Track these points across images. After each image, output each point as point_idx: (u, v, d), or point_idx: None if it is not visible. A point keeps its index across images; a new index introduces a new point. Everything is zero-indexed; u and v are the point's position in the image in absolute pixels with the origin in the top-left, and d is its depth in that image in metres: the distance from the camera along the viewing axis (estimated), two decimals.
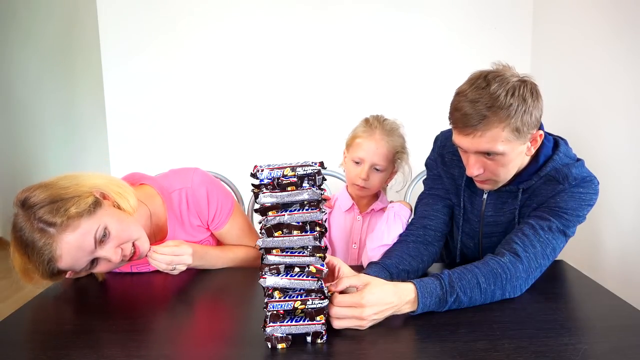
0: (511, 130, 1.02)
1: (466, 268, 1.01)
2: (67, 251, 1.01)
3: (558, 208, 1.09)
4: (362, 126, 1.42)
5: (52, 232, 1.00)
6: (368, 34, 2.29)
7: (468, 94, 1.03)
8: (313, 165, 0.84)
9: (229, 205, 1.31)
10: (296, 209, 0.85)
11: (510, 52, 2.26)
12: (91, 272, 1.13)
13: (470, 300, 0.98)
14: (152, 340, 0.92)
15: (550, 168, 1.12)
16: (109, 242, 1.07)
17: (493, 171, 1.10)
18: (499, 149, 1.04)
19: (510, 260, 1.02)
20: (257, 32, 2.30)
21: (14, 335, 0.95)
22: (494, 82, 1.02)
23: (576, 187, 1.10)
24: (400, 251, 1.18)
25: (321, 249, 0.86)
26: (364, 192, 1.43)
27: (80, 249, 1.03)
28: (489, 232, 1.24)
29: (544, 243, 1.06)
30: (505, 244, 1.07)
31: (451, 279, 0.98)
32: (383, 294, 0.92)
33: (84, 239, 1.03)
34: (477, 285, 0.98)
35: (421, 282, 0.96)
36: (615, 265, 1.73)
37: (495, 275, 1.00)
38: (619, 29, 1.71)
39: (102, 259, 1.08)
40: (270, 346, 0.86)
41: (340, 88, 2.32)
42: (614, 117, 1.74)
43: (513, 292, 1.02)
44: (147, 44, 2.31)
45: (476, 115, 1.01)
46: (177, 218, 1.26)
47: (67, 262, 1.03)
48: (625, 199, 1.68)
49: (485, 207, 1.22)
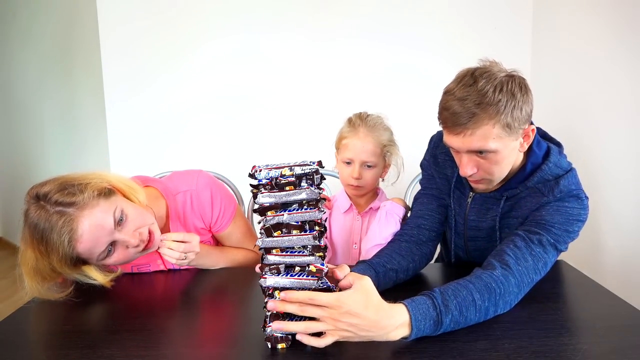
0: (502, 127, 0.99)
1: (459, 284, 0.93)
2: (87, 229, 1.00)
3: (545, 222, 1.05)
4: (346, 126, 1.42)
5: (72, 211, 0.99)
6: (368, 34, 2.29)
7: (456, 92, 1.01)
8: (311, 165, 0.84)
9: (231, 208, 1.32)
10: (295, 208, 0.85)
11: (510, 52, 2.26)
12: (105, 264, 1.09)
13: (467, 320, 0.90)
14: (152, 340, 0.92)
15: (538, 179, 1.09)
16: (127, 225, 1.06)
17: (487, 170, 1.07)
18: (491, 147, 1.01)
19: (502, 273, 0.96)
20: (257, 32, 2.30)
21: (13, 335, 0.95)
22: (481, 79, 0.99)
23: (561, 200, 1.06)
24: (391, 250, 1.17)
25: (321, 248, 0.86)
26: (360, 190, 1.43)
27: (101, 227, 1.02)
28: (473, 236, 1.23)
29: (536, 257, 1.01)
30: (497, 255, 1.01)
31: (444, 297, 0.89)
32: (374, 310, 0.80)
33: (104, 216, 1.02)
34: (473, 303, 0.90)
35: (412, 303, 0.87)
36: (615, 265, 1.73)
37: (489, 290, 0.93)
38: (618, 29, 1.71)
39: (119, 245, 1.07)
40: (270, 346, 0.86)
41: (339, 88, 2.32)
42: (614, 117, 1.74)
43: (504, 307, 0.95)
44: (147, 44, 2.31)
45: (465, 113, 0.99)
46: (180, 220, 1.26)
47: (87, 243, 1.01)
48: (625, 199, 1.68)
49: (469, 211, 1.21)
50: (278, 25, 2.29)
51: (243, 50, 2.31)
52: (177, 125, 2.39)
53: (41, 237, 1.00)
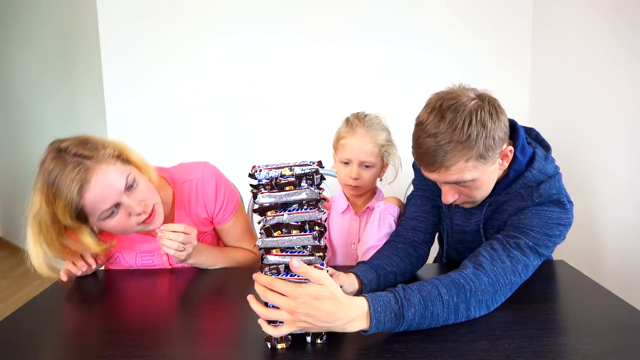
0: (475, 159, 0.98)
1: (425, 281, 0.93)
2: (99, 183, 1.03)
3: (522, 225, 1.04)
4: (344, 126, 1.42)
5: (88, 163, 1.03)
6: (368, 34, 2.29)
7: (426, 128, 0.99)
8: (311, 165, 0.84)
9: (234, 201, 1.34)
10: (295, 208, 0.85)
11: (510, 52, 2.26)
12: (103, 227, 1.11)
13: (433, 315, 0.88)
14: (152, 340, 0.92)
15: (520, 185, 1.09)
16: (135, 193, 1.10)
17: (468, 195, 1.08)
18: (467, 178, 1.01)
19: (473, 272, 0.95)
20: (257, 32, 2.30)
21: (14, 335, 0.94)
22: (449, 113, 0.96)
23: (540, 205, 1.06)
24: (389, 252, 1.17)
25: (320, 248, 0.86)
26: (358, 191, 1.43)
27: (112, 185, 1.05)
28: (460, 239, 1.24)
29: (514, 259, 0.99)
30: (472, 257, 1.01)
31: (407, 292, 0.88)
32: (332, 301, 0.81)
33: (118, 176, 1.06)
34: (439, 297, 0.89)
35: (373, 295, 0.86)
36: (615, 265, 1.73)
37: (457, 286, 0.92)
38: (618, 29, 1.71)
39: (123, 209, 1.09)
40: (270, 346, 0.86)
41: (338, 87, 2.32)
42: (614, 117, 1.74)
43: (479, 307, 0.93)
44: (147, 44, 2.31)
45: (437, 151, 0.97)
46: (185, 208, 1.28)
47: (95, 196, 1.04)
48: (625, 199, 1.68)
49: (454, 215, 1.22)
50: (277, 25, 2.29)
51: (243, 50, 2.31)
52: (176, 125, 2.39)
53: (53, 182, 1.03)
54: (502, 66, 2.25)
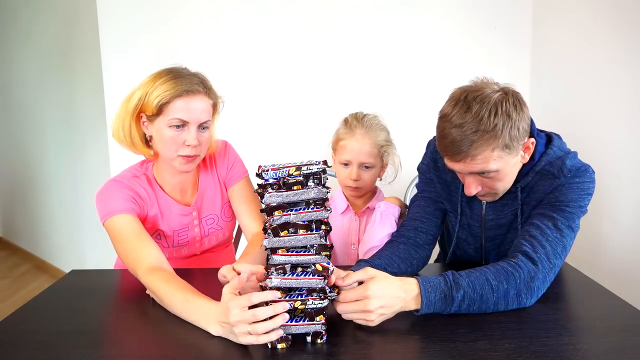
0: (501, 149, 1.01)
1: (474, 268, 0.98)
2: (194, 102, 1.19)
3: (559, 202, 1.07)
4: (343, 127, 1.42)
5: (201, 88, 1.23)
6: (368, 34, 2.29)
7: (452, 119, 1.01)
8: (318, 164, 0.84)
9: (243, 167, 1.42)
10: (302, 207, 0.86)
11: (510, 52, 2.26)
12: (163, 134, 1.21)
13: (482, 298, 0.93)
14: (152, 340, 0.92)
15: (545, 162, 1.11)
16: (200, 133, 1.22)
17: (491, 186, 1.09)
18: (492, 168, 1.03)
19: (522, 260, 0.99)
20: (258, 31, 2.30)
21: (13, 335, 0.95)
22: (475, 104, 0.99)
23: (573, 177, 1.09)
24: (390, 252, 1.17)
25: (327, 247, 0.86)
26: (358, 192, 1.43)
27: (199, 111, 1.20)
28: (492, 236, 1.23)
29: (552, 242, 1.02)
30: (514, 249, 1.04)
31: (455, 276, 0.94)
32: (389, 286, 0.90)
33: (204, 111, 1.22)
34: (487, 282, 0.94)
35: (424, 278, 0.93)
36: (615, 265, 1.73)
37: (506, 273, 0.96)
38: (618, 29, 1.71)
39: (184, 132, 1.20)
40: (270, 346, 0.86)
41: (338, 88, 2.32)
42: (614, 117, 1.74)
43: (530, 294, 0.97)
44: (147, 44, 2.31)
45: (463, 141, 1.00)
46: (207, 169, 1.38)
47: (185, 103, 1.18)
48: (625, 199, 1.68)
49: (486, 211, 1.21)
50: (277, 25, 2.29)
51: (244, 49, 2.31)
52: None
53: (170, 70, 1.22)
54: (502, 66, 2.25)
